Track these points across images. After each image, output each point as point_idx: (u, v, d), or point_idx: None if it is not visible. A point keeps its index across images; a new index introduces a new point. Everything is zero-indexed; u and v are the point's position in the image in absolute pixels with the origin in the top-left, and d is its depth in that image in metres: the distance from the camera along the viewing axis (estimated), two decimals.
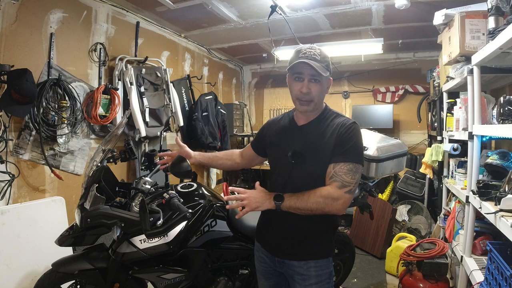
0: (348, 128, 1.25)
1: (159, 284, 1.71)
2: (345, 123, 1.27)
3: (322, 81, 1.27)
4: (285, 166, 1.33)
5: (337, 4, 2.99)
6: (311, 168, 1.28)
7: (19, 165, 2.19)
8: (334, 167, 1.23)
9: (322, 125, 1.31)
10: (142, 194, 1.64)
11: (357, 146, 1.25)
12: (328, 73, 1.27)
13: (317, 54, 1.25)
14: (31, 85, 2.02)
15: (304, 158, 1.29)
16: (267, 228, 1.43)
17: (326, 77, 1.27)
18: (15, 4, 2.12)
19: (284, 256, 1.36)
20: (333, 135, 1.26)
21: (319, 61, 1.24)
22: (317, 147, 1.28)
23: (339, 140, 1.24)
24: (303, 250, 1.32)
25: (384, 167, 1.85)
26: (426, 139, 4.47)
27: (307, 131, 1.34)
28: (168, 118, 3.23)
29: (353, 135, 1.25)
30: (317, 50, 1.26)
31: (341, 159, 1.23)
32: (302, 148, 1.30)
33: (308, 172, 1.29)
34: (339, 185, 1.20)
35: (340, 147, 1.24)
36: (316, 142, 1.29)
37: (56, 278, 1.64)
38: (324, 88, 1.30)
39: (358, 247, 3.54)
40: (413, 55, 4.64)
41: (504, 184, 1.62)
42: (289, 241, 1.34)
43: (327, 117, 1.33)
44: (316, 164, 1.27)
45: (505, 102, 1.63)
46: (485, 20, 1.96)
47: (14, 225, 2.03)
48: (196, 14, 3.18)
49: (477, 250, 2.04)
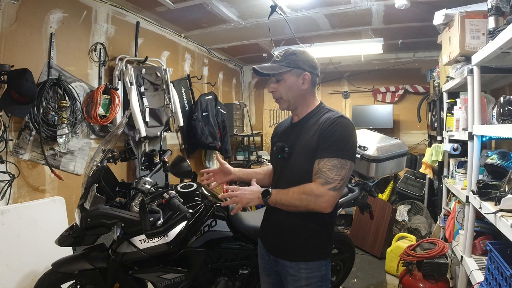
0: (332, 122, 1.21)
1: (159, 284, 1.71)
2: (330, 117, 1.24)
3: (285, 78, 1.30)
4: (277, 162, 1.39)
5: (337, 4, 2.98)
6: (296, 163, 1.29)
7: (19, 165, 2.19)
8: (319, 163, 1.20)
9: (311, 121, 1.32)
10: (142, 194, 1.64)
11: (342, 141, 1.20)
12: (290, 68, 1.29)
13: (280, 55, 1.32)
14: (31, 85, 2.02)
15: (290, 153, 1.31)
16: (265, 224, 1.47)
17: (293, 73, 1.29)
18: (15, 4, 2.12)
19: (277, 255, 1.37)
20: (318, 130, 1.25)
21: (278, 61, 1.30)
22: (302, 142, 1.29)
23: (322, 135, 1.22)
24: (294, 250, 1.31)
25: (384, 167, 1.86)
26: (426, 139, 4.47)
27: (298, 127, 1.36)
28: (168, 118, 3.23)
29: (337, 129, 1.20)
30: (284, 52, 1.32)
31: (324, 154, 1.20)
32: (290, 143, 1.32)
33: (294, 167, 1.30)
34: (323, 182, 1.17)
35: (323, 142, 1.21)
36: (302, 137, 1.30)
37: (56, 278, 1.65)
38: (289, 84, 1.31)
39: (358, 247, 3.54)
40: (413, 55, 4.64)
41: (504, 184, 1.62)
42: (281, 239, 1.35)
43: (317, 114, 1.33)
44: (300, 159, 1.28)
45: (505, 102, 1.63)
46: (485, 20, 1.96)
47: (14, 225, 2.03)
48: (196, 14, 3.18)
49: (477, 250, 2.04)
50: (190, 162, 2.94)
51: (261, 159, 4.91)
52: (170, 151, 2.02)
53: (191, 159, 4.10)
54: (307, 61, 1.31)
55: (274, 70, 1.31)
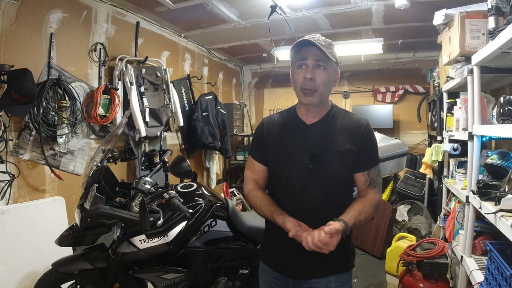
0: (369, 130, 1.23)
1: (159, 284, 1.71)
2: (362, 124, 1.23)
3: (328, 68, 1.16)
4: (299, 170, 1.19)
5: (337, 4, 2.99)
6: (332, 170, 1.18)
7: (19, 165, 2.19)
8: (369, 174, 1.22)
9: (334, 123, 1.22)
10: (142, 194, 1.64)
11: (377, 148, 1.27)
12: (335, 60, 1.17)
13: (322, 40, 1.16)
14: (31, 85, 2.02)
15: (323, 160, 1.17)
16: (278, 247, 1.25)
17: (333, 65, 1.18)
18: (15, 4, 2.12)
19: (300, 275, 1.21)
20: (353, 137, 1.20)
21: (324, 46, 1.13)
22: (335, 148, 1.18)
23: (363, 144, 1.21)
24: (322, 264, 1.18)
25: (384, 167, 1.86)
26: (426, 139, 4.47)
27: (320, 130, 1.22)
28: (168, 118, 3.23)
29: (373, 136, 1.25)
30: (321, 37, 1.17)
31: (371, 164, 1.23)
32: (319, 149, 1.18)
33: (328, 174, 1.18)
34: (378, 189, 1.24)
35: (367, 152, 1.22)
36: (333, 142, 1.19)
37: (56, 278, 1.65)
38: (331, 77, 1.19)
39: (358, 247, 3.54)
40: (413, 55, 4.64)
41: (504, 184, 1.62)
42: (305, 258, 1.16)
43: (337, 115, 1.25)
44: (336, 166, 1.18)
45: (505, 102, 1.63)
46: (485, 20, 1.96)
47: (14, 225, 2.03)
48: (196, 14, 3.18)
49: (477, 250, 2.04)
50: (190, 162, 2.95)
51: None
52: (170, 151, 2.02)
53: (191, 159, 4.10)
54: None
55: (329, 54, 1.13)
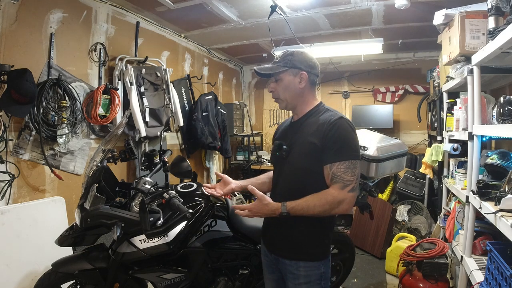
0: (334, 125, 1.24)
1: (159, 284, 1.71)
2: (330, 119, 1.26)
3: (283, 78, 1.34)
4: (276, 160, 1.42)
5: (337, 4, 2.98)
6: (295, 161, 1.31)
7: (19, 165, 2.19)
8: (331, 168, 1.22)
9: (310, 120, 1.34)
10: (142, 194, 1.64)
11: (347, 142, 1.24)
12: (287, 68, 1.33)
13: (279, 57, 1.37)
14: (31, 85, 2.02)
15: (288, 151, 1.34)
16: (266, 223, 1.49)
17: (289, 72, 1.33)
18: (15, 4, 2.12)
19: (277, 253, 1.40)
20: (318, 131, 1.26)
21: (276, 62, 1.35)
22: (299, 140, 1.32)
23: (326, 139, 1.23)
24: (293, 249, 1.33)
25: (384, 167, 1.85)
26: (426, 139, 4.47)
27: (297, 126, 1.38)
28: (168, 118, 3.23)
29: (340, 131, 1.23)
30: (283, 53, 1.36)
31: (335, 158, 1.22)
32: (289, 142, 1.35)
33: (293, 165, 1.32)
34: (341, 186, 1.21)
35: (330, 146, 1.23)
36: (300, 135, 1.33)
37: (56, 278, 1.65)
38: (290, 83, 1.34)
39: (358, 247, 3.54)
40: (413, 55, 4.64)
41: (504, 184, 1.62)
42: (280, 239, 1.37)
43: (316, 113, 1.35)
44: (298, 157, 1.30)
45: (505, 102, 1.63)
46: (485, 20, 1.96)
47: (14, 225, 2.03)
48: (196, 14, 3.18)
49: (477, 250, 2.04)
50: (190, 162, 2.95)
51: (261, 159, 4.91)
52: (170, 151, 2.02)
53: (191, 159, 4.10)
54: (304, 61, 1.34)
55: (272, 70, 1.36)
